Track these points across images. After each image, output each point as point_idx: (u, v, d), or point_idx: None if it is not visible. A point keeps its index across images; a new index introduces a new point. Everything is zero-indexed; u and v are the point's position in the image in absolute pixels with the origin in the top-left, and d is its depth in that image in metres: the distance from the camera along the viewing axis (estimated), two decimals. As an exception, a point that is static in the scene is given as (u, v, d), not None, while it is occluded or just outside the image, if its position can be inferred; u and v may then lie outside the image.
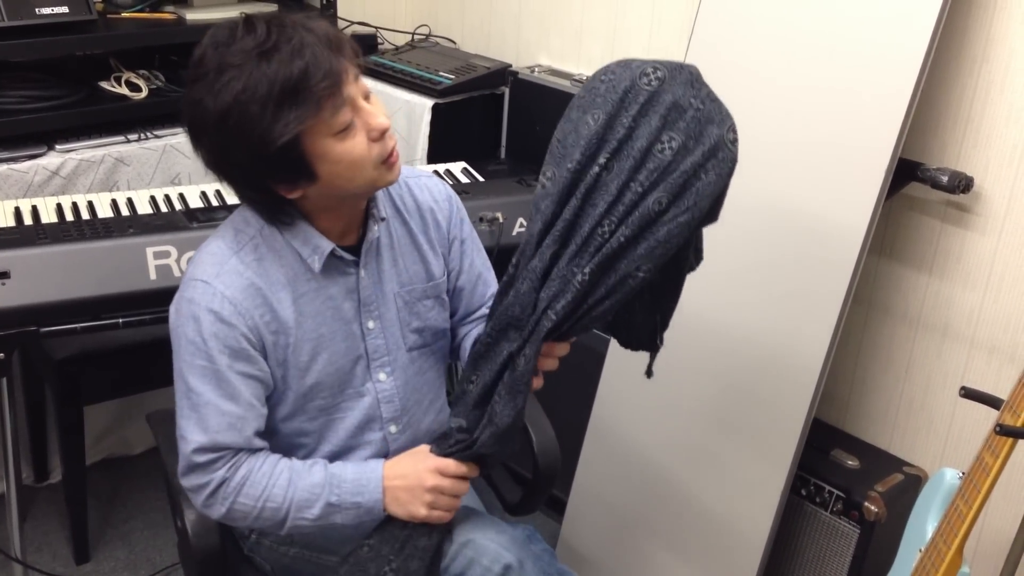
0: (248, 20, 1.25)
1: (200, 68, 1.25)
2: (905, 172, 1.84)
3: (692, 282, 1.38)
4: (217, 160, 1.30)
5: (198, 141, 1.30)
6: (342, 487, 1.37)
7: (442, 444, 1.38)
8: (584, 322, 1.28)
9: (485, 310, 1.60)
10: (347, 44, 1.29)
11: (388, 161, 1.32)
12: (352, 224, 1.41)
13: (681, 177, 1.22)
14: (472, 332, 1.59)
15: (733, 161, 1.24)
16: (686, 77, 1.25)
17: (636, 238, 1.23)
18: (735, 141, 1.23)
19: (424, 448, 1.41)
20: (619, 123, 1.24)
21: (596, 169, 1.24)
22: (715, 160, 1.22)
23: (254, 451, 1.38)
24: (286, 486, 1.36)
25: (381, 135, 1.30)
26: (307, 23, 1.26)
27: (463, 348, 1.60)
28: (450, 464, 1.37)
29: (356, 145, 1.28)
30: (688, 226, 1.23)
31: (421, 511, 1.37)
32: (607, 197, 1.23)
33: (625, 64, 1.27)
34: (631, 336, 1.44)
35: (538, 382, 1.39)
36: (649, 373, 1.44)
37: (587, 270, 1.23)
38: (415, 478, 1.37)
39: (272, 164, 1.25)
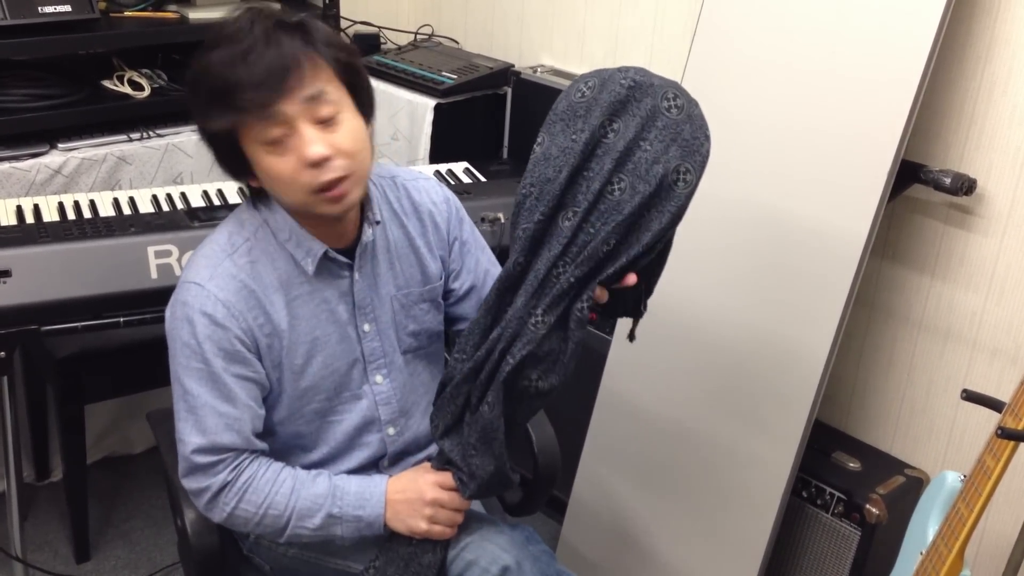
0: (250, 10, 1.28)
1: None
2: (908, 174, 1.83)
3: (693, 283, 1.37)
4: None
5: None
6: (344, 499, 1.37)
7: (443, 459, 1.38)
8: (560, 367, 1.27)
9: None
10: (323, 62, 1.26)
11: (327, 193, 1.28)
12: (345, 227, 1.41)
13: (629, 219, 1.22)
14: None
15: (677, 199, 1.23)
16: (644, 113, 1.24)
17: (589, 277, 1.24)
18: (679, 181, 1.23)
19: (426, 464, 1.41)
20: (581, 176, 1.25)
21: (559, 218, 1.25)
22: (659, 200, 1.23)
23: (256, 453, 1.38)
24: (288, 494, 1.36)
25: (310, 165, 1.26)
26: (281, 36, 1.24)
27: None
28: (450, 477, 1.37)
29: (283, 163, 1.26)
30: (638, 261, 1.24)
31: (421, 525, 1.36)
32: (562, 239, 1.24)
33: (587, 108, 1.26)
34: (616, 303, 1.44)
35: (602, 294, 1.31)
36: (632, 337, 1.42)
37: (539, 311, 1.24)
38: (415, 491, 1.37)
39: (218, 146, 1.30)
